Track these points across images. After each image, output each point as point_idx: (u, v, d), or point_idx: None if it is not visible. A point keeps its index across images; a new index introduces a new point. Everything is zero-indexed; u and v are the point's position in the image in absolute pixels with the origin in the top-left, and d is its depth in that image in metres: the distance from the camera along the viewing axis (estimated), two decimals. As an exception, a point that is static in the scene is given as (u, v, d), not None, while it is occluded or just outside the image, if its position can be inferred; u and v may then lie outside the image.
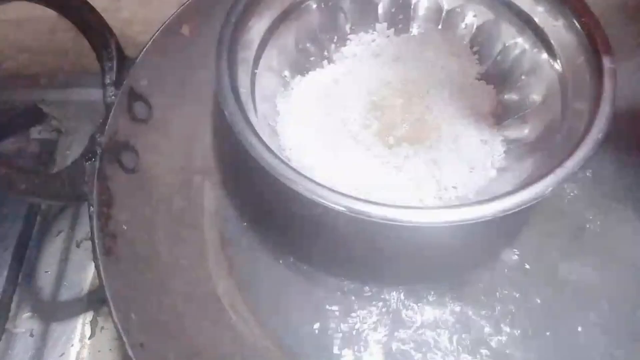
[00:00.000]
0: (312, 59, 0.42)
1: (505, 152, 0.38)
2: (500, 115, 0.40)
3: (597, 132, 0.31)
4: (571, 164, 0.30)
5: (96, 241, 0.30)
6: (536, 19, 0.39)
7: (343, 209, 0.29)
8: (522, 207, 0.29)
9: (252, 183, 0.39)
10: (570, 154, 0.31)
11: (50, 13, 0.34)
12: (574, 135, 0.33)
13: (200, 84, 0.40)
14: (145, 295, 0.31)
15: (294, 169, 0.30)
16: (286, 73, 0.40)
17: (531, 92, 0.39)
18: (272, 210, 0.38)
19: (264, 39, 0.38)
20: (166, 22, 0.38)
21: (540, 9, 0.38)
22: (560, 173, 0.30)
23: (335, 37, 0.43)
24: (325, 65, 0.42)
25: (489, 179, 0.37)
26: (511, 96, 0.41)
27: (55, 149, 0.49)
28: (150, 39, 0.37)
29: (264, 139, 0.31)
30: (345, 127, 0.38)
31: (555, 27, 0.38)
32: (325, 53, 0.43)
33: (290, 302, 0.35)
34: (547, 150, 0.35)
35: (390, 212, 0.28)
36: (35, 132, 0.50)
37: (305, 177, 0.29)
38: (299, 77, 0.41)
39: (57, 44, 0.54)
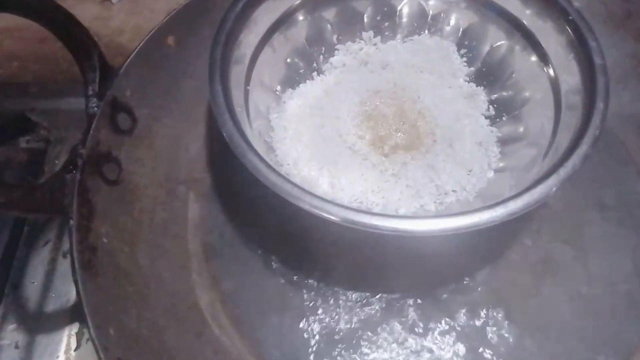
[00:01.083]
0: (301, 71, 0.42)
1: (500, 152, 0.38)
2: (492, 117, 0.40)
3: (594, 128, 0.31)
4: (572, 162, 0.30)
5: (75, 255, 0.29)
6: (522, 20, 0.39)
7: (356, 226, 0.28)
8: (530, 209, 0.29)
9: (237, 194, 0.38)
10: (570, 152, 0.30)
11: (41, 22, 0.34)
12: (569, 132, 0.32)
13: (185, 94, 0.40)
14: (124, 309, 0.30)
15: (301, 188, 0.29)
16: (277, 87, 0.40)
17: (522, 90, 0.39)
18: (256, 222, 0.38)
19: (254, 54, 0.38)
20: (151, 33, 0.37)
21: (526, 10, 0.39)
22: (562, 172, 0.30)
23: (323, 48, 0.43)
24: (315, 76, 0.42)
25: (487, 181, 0.37)
26: (502, 95, 0.41)
27: (44, 158, 0.49)
28: (135, 49, 0.37)
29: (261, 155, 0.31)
30: (340, 137, 0.38)
31: (543, 26, 0.38)
32: (314, 65, 0.42)
33: (274, 315, 0.35)
34: (544, 148, 0.35)
35: (407, 225, 0.28)
36: (24, 142, 0.50)
37: (311, 194, 0.29)
38: (289, 90, 0.41)
39: (47, 52, 0.54)
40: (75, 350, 0.40)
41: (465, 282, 0.36)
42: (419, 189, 0.36)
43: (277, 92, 0.40)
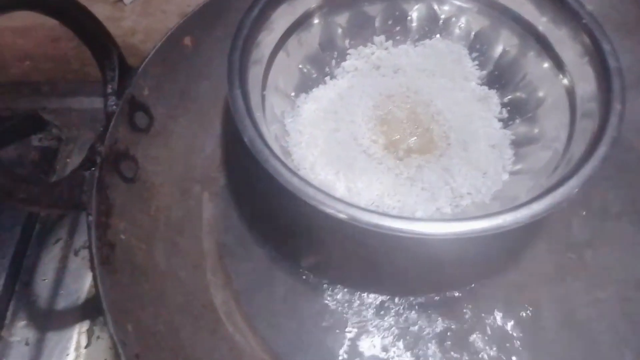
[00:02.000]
0: (314, 75, 0.42)
1: (515, 155, 0.38)
2: (505, 119, 0.40)
3: (612, 130, 0.31)
4: (592, 164, 0.30)
5: (94, 250, 0.30)
6: (535, 24, 0.39)
7: (382, 230, 0.28)
8: (553, 210, 0.29)
9: (250, 194, 0.39)
10: (589, 153, 0.30)
11: (53, 21, 0.35)
12: (585, 136, 0.32)
13: (201, 94, 0.40)
14: (141, 306, 0.30)
15: (325, 192, 0.29)
16: (291, 92, 0.41)
17: (535, 92, 0.39)
18: (271, 221, 0.38)
19: (270, 58, 0.39)
20: (169, 33, 0.38)
21: (539, 14, 0.39)
22: (583, 174, 0.30)
23: (335, 53, 0.43)
24: (328, 81, 0.42)
25: (502, 183, 0.37)
26: (515, 97, 0.41)
27: (56, 157, 0.49)
28: (153, 49, 0.37)
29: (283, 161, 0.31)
30: (355, 141, 0.38)
31: (555, 30, 0.38)
32: (327, 69, 0.43)
33: (288, 314, 0.35)
34: (559, 150, 0.35)
35: (434, 228, 0.28)
36: (36, 140, 0.50)
37: (335, 198, 0.29)
38: (303, 95, 0.41)
39: (59, 52, 0.55)
40: (85, 348, 0.40)
41: (476, 285, 0.37)
42: (434, 192, 0.36)
43: (292, 97, 0.41)
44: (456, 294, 0.36)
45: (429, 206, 0.36)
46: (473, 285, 0.36)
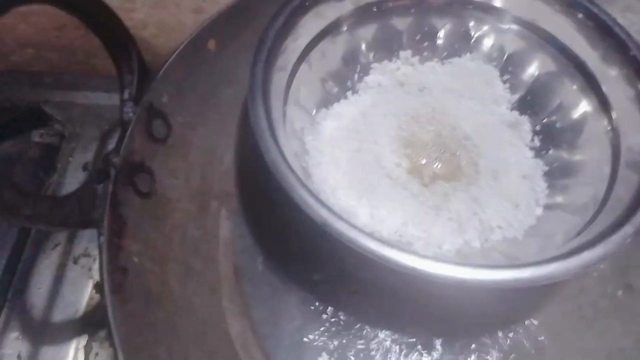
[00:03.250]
0: (335, 90, 0.40)
1: (548, 187, 0.36)
2: (537, 149, 0.38)
3: None
4: None
5: (105, 276, 0.27)
6: (578, 53, 0.37)
7: (428, 278, 0.26)
8: (604, 260, 0.27)
9: (272, 213, 0.36)
10: None
11: (60, 7, 0.32)
12: (636, 175, 0.30)
13: (222, 102, 0.38)
14: (155, 339, 0.28)
15: (356, 227, 0.27)
16: (312, 107, 0.38)
17: (572, 120, 0.37)
18: (293, 244, 0.36)
19: (292, 71, 0.36)
20: (192, 35, 0.35)
21: (584, 41, 0.37)
22: (638, 220, 0.27)
23: (358, 67, 0.40)
24: (349, 96, 0.40)
25: (536, 218, 0.35)
26: (548, 126, 0.39)
27: (57, 155, 0.46)
28: (175, 52, 0.34)
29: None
30: (378, 164, 0.36)
31: (595, 53, 0.36)
32: (349, 83, 0.40)
33: (312, 351, 0.32)
34: (602, 188, 0.33)
35: (482, 275, 0.26)
36: (37, 136, 0.47)
37: (369, 236, 0.27)
38: (323, 110, 0.39)
39: (64, 41, 0.51)
40: None
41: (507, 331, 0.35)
42: (462, 223, 0.34)
43: (312, 112, 0.38)
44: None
45: (457, 239, 0.33)
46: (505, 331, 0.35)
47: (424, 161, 0.37)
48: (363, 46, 0.40)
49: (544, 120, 0.39)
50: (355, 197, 0.34)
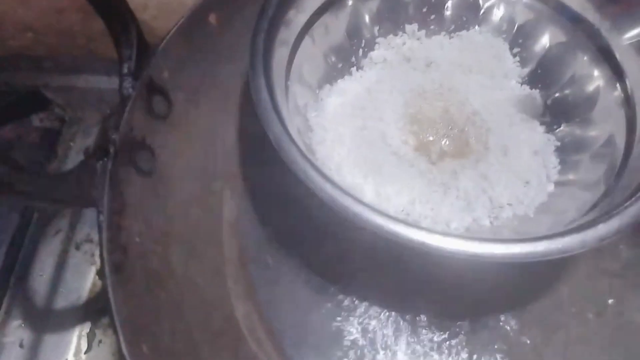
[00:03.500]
0: (339, 65, 0.38)
1: (560, 163, 0.35)
2: (548, 123, 0.37)
3: None
4: None
5: (105, 256, 0.26)
6: (584, 15, 0.35)
7: (434, 252, 0.25)
8: (621, 234, 0.25)
9: (277, 193, 0.35)
10: None
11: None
12: None
13: (224, 78, 0.36)
14: (157, 320, 0.27)
15: (361, 201, 0.26)
16: (315, 83, 0.37)
17: (585, 93, 0.36)
18: (297, 224, 0.35)
19: (295, 44, 0.35)
20: (193, 9, 0.33)
21: (588, 4, 0.35)
22: None
23: (363, 41, 0.39)
24: (354, 72, 0.39)
25: (547, 194, 0.33)
26: (561, 100, 0.37)
27: (58, 139, 0.46)
28: (175, 26, 0.33)
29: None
30: (384, 141, 0.34)
31: (607, 22, 0.34)
32: (353, 59, 0.39)
33: (318, 331, 0.31)
34: (616, 162, 0.31)
35: (495, 249, 0.25)
36: (37, 120, 0.46)
37: (374, 209, 0.26)
38: (327, 86, 0.37)
39: (64, 24, 0.50)
40: (85, 353, 0.38)
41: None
42: (470, 201, 0.33)
43: (315, 88, 0.37)
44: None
45: (465, 217, 0.32)
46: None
47: (431, 138, 0.36)
48: (367, 19, 0.39)
49: (556, 94, 0.37)
50: (360, 175, 0.33)
